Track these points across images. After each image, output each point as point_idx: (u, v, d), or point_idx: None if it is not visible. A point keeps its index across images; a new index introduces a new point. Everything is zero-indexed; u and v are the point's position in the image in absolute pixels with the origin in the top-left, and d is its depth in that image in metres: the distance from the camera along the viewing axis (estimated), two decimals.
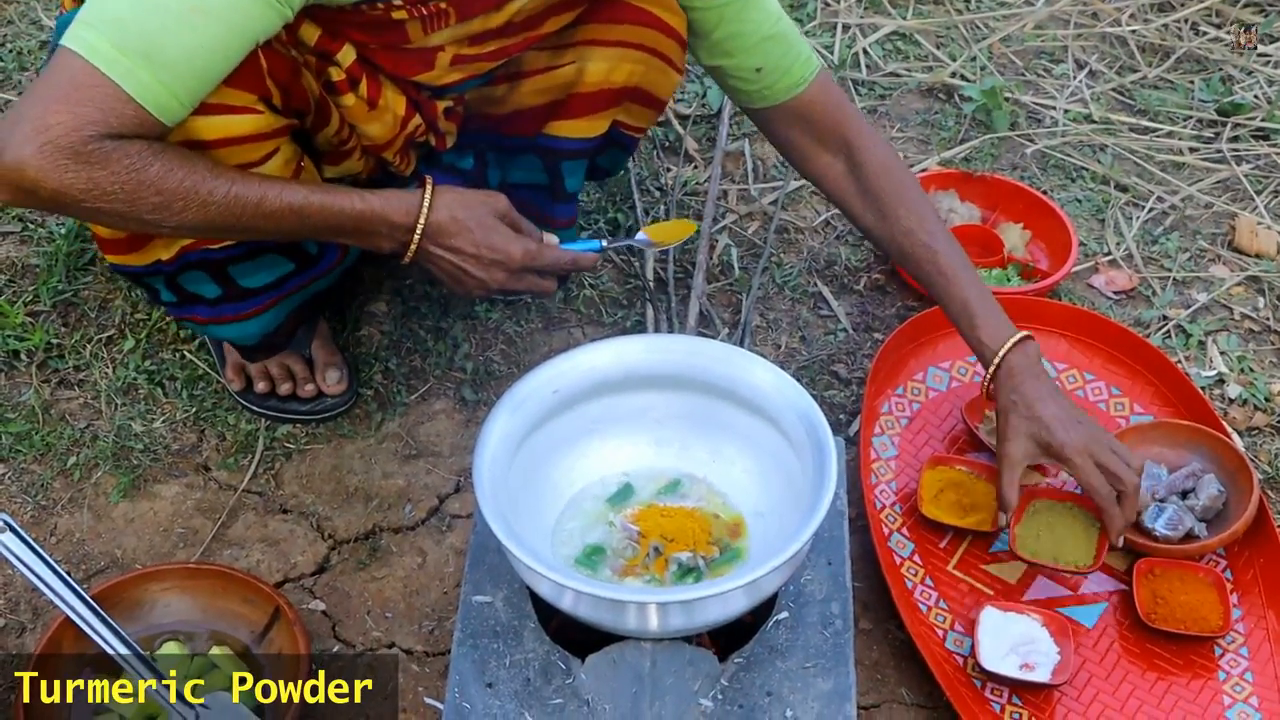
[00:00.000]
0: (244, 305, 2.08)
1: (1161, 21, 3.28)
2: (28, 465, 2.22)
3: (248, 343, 2.20)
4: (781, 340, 2.48)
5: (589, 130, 2.12)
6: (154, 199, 1.64)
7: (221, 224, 1.72)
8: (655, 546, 1.77)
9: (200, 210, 1.68)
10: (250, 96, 1.76)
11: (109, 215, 1.65)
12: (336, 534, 2.15)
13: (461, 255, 1.87)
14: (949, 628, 2.00)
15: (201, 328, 2.17)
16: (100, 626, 1.78)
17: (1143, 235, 2.73)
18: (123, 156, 1.61)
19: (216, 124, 1.73)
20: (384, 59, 1.91)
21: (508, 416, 1.78)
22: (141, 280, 2.04)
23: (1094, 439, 1.97)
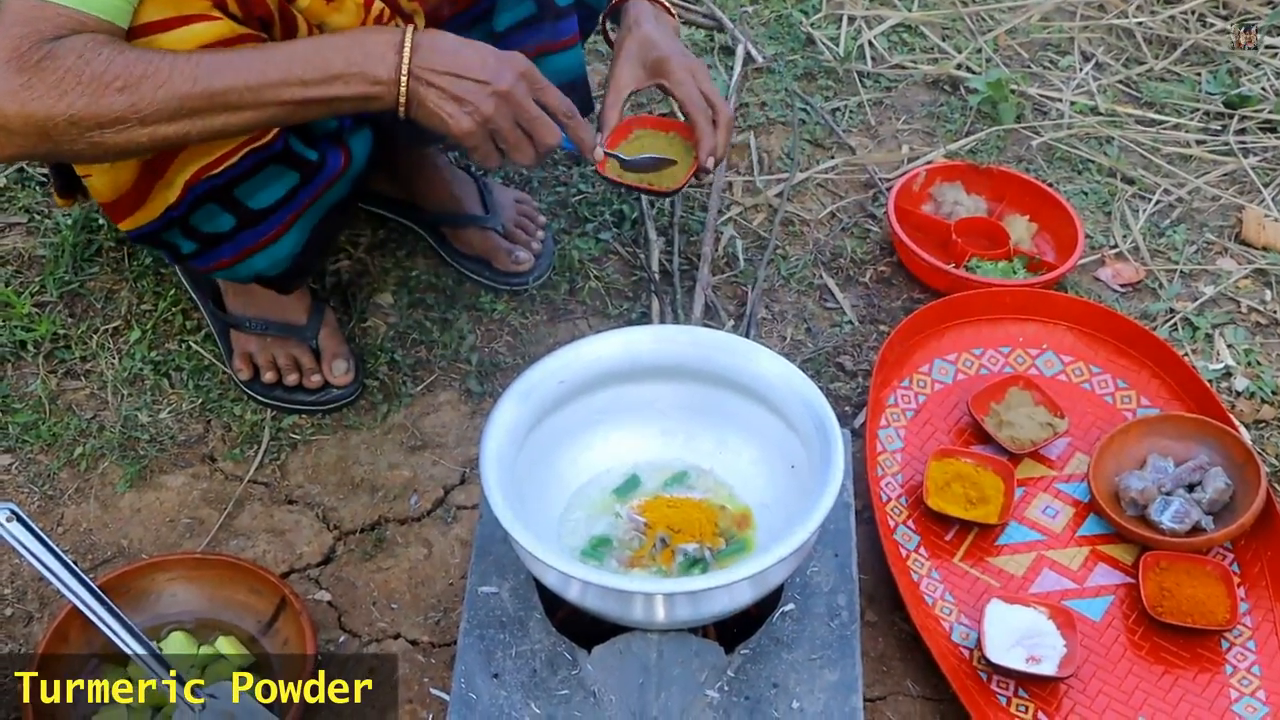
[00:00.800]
0: (263, 229, 2.05)
1: (1168, 14, 3.28)
2: (35, 455, 2.22)
3: (282, 268, 2.15)
4: (787, 332, 2.48)
5: None
6: (116, 84, 1.64)
7: (199, 99, 1.69)
8: (661, 538, 1.77)
9: (170, 88, 1.67)
10: (203, 3, 1.76)
11: (87, 125, 1.64)
12: (342, 525, 2.15)
13: (460, 63, 1.80)
14: (955, 620, 2.00)
15: (231, 270, 2.12)
16: (107, 616, 1.78)
17: (1149, 228, 2.73)
18: (68, 52, 1.62)
19: (176, 37, 1.73)
20: None
21: (514, 407, 1.77)
22: (159, 238, 2.03)
23: (701, 66, 2.10)
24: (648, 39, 2.11)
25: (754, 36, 3.15)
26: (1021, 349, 2.37)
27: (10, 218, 2.59)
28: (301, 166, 2.01)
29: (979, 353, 2.37)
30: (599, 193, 2.72)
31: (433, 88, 1.79)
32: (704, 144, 2.06)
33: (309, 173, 2.02)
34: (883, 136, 2.94)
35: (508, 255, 2.48)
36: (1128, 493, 2.10)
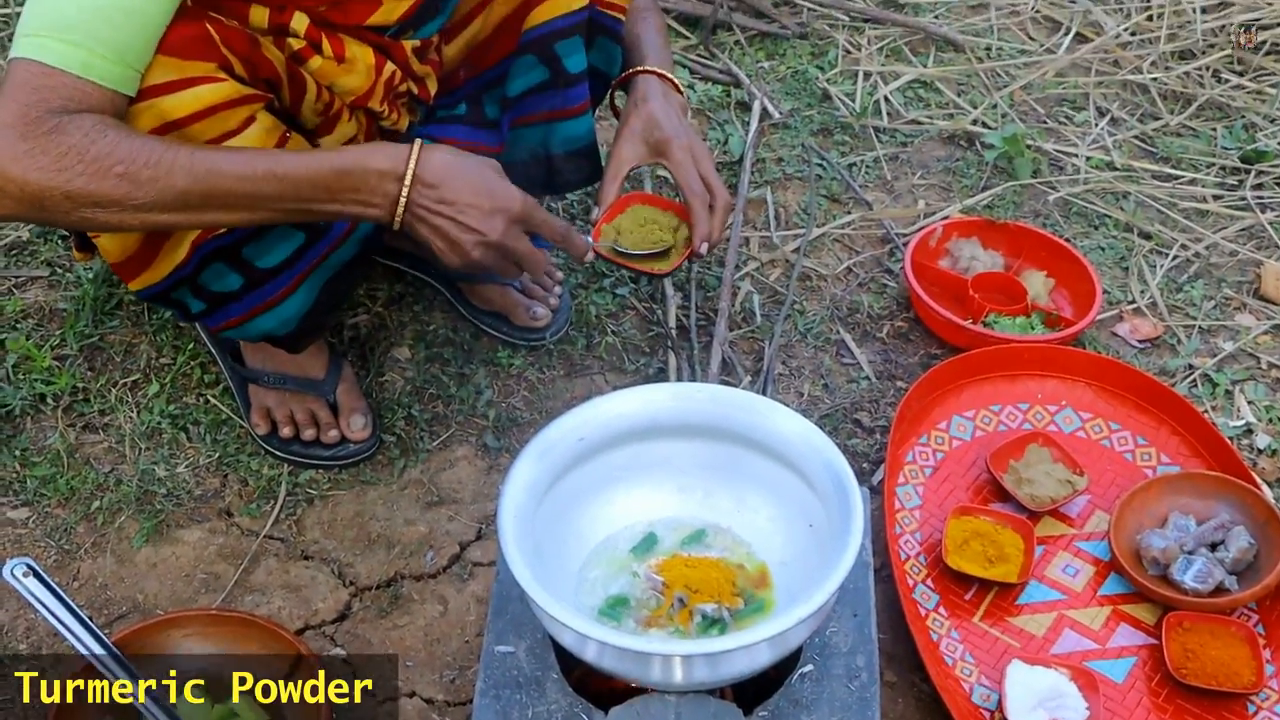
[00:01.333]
0: (270, 288, 2.05)
1: (1183, 69, 3.28)
2: (52, 509, 2.22)
3: (290, 328, 2.15)
4: (804, 388, 2.48)
5: (569, 4, 2.13)
6: (117, 169, 1.65)
7: (195, 197, 1.70)
8: (679, 597, 1.76)
9: (168, 181, 1.68)
10: (208, 65, 1.78)
11: (82, 202, 1.65)
12: (358, 581, 2.14)
13: (457, 207, 1.82)
14: (975, 681, 1.98)
15: (239, 329, 2.13)
16: (122, 673, 1.78)
17: (1167, 283, 2.73)
18: (75, 129, 1.64)
19: (183, 100, 1.76)
20: (334, 15, 1.93)
21: (532, 464, 1.77)
22: (168, 297, 2.04)
23: (703, 149, 2.12)
24: (653, 117, 2.12)
25: (770, 92, 3.16)
26: (1040, 405, 2.37)
27: (32, 271, 2.60)
28: (308, 227, 2.02)
29: (997, 409, 2.36)
30: None
31: (426, 224, 1.83)
32: (698, 229, 2.08)
33: (315, 233, 2.04)
34: (899, 192, 2.94)
35: (525, 310, 2.48)
36: (1149, 551, 2.09)
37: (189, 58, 1.76)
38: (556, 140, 2.23)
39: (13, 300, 2.52)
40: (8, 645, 2.03)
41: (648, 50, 2.21)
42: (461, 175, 1.82)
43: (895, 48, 3.35)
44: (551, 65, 2.15)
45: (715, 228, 2.10)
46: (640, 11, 2.27)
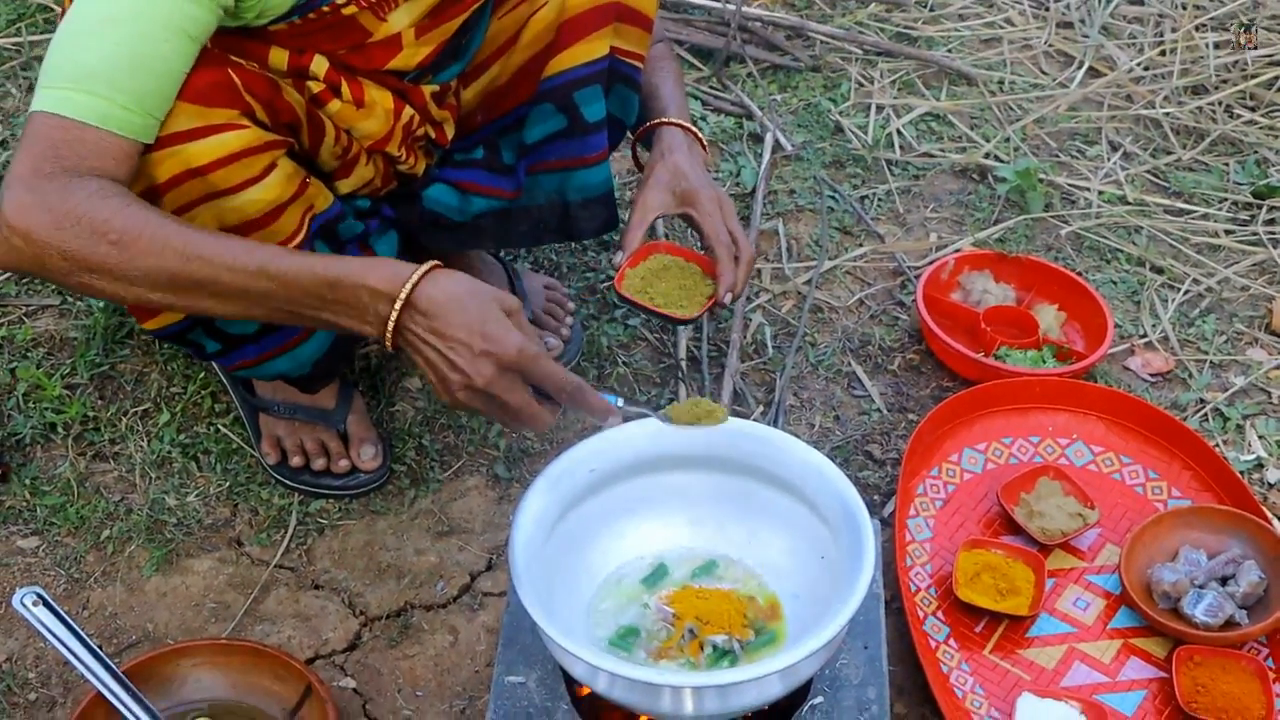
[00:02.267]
0: (288, 332, 2.06)
1: (1195, 104, 3.29)
2: (62, 538, 2.22)
3: (304, 372, 2.16)
4: (815, 420, 2.48)
5: (589, 53, 2.13)
6: (111, 237, 1.63)
7: (185, 280, 1.67)
8: (690, 629, 1.75)
9: (158, 260, 1.65)
10: (231, 113, 1.78)
11: (79, 265, 1.64)
12: (368, 611, 2.14)
13: (448, 340, 1.68)
14: (985, 713, 1.98)
15: (254, 370, 2.14)
16: (131, 703, 1.78)
17: (1179, 317, 2.72)
18: (79, 191, 1.64)
19: (206, 146, 1.76)
20: (354, 59, 1.94)
21: (543, 495, 1.77)
22: (184, 338, 2.04)
23: (728, 202, 2.14)
24: (678, 168, 2.14)
25: (783, 124, 3.17)
26: (1051, 439, 2.36)
27: (43, 300, 2.61)
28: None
29: (1008, 442, 2.36)
30: None
31: (416, 351, 1.72)
32: (724, 279, 2.09)
33: None
34: (911, 225, 2.95)
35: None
36: (1160, 585, 2.08)
37: (212, 105, 1.77)
38: (573, 187, 2.22)
39: (23, 329, 2.53)
40: (17, 674, 2.03)
41: (668, 101, 2.24)
42: (459, 310, 1.67)
43: (908, 81, 3.36)
44: (570, 113, 2.16)
45: (740, 278, 2.11)
46: (657, 60, 2.29)
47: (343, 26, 1.89)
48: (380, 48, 1.95)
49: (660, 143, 2.18)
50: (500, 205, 2.21)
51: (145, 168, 1.76)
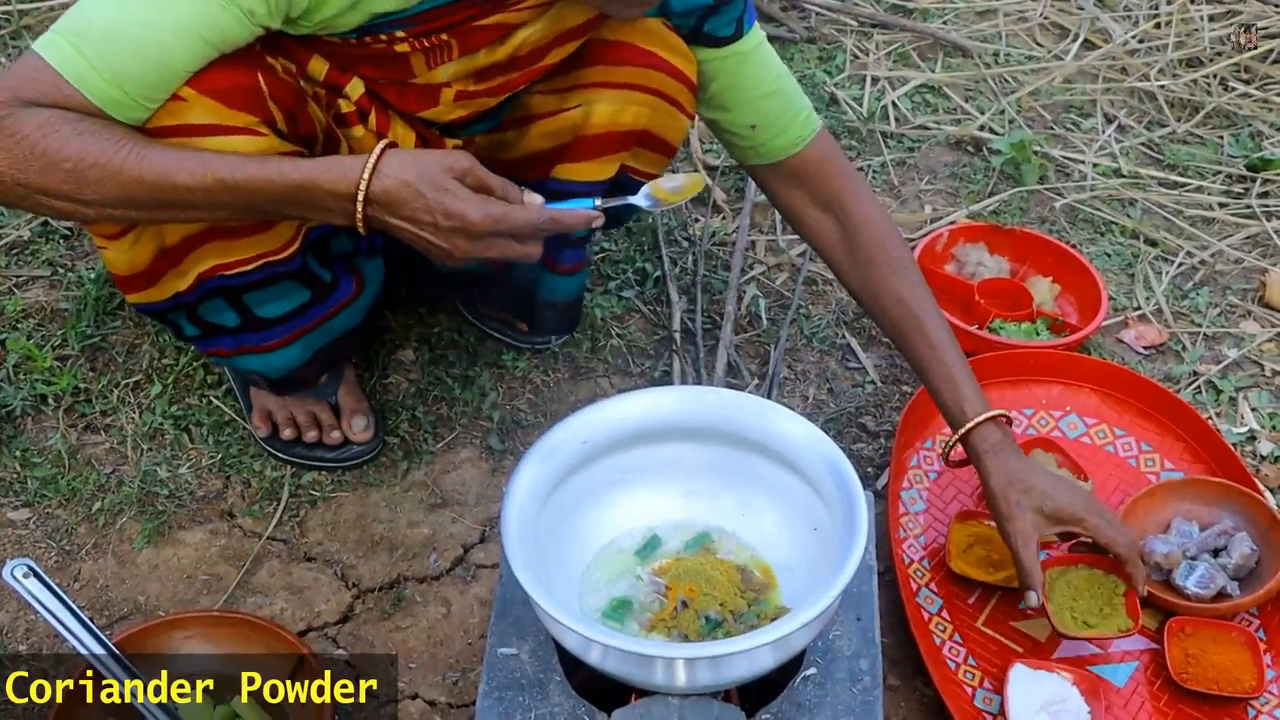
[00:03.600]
0: (265, 335, 2.06)
1: (1190, 77, 3.28)
2: (53, 510, 2.21)
3: (273, 376, 2.17)
4: (809, 392, 2.47)
5: (597, 173, 2.10)
6: (65, 165, 1.64)
7: (145, 200, 1.68)
8: (683, 600, 1.75)
9: (115, 183, 1.66)
10: (250, 118, 1.77)
11: (35, 190, 1.65)
12: (361, 583, 2.14)
13: (418, 224, 1.71)
14: (978, 685, 1.98)
15: (228, 360, 2.16)
16: (124, 675, 1.77)
17: (1172, 290, 2.72)
18: (33, 118, 1.64)
19: (217, 144, 1.74)
20: (390, 94, 1.92)
21: (537, 467, 1.77)
22: (165, 316, 2.04)
23: (1093, 499, 1.99)
24: (1028, 483, 1.94)
25: None
26: (1045, 411, 2.36)
27: (33, 271, 2.60)
28: (314, 285, 2.03)
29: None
30: (621, 250, 2.72)
31: (397, 235, 1.74)
32: (1136, 578, 1.96)
33: (320, 293, 2.04)
34: (906, 197, 2.94)
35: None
36: (1152, 557, 2.08)
37: (233, 106, 1.75)
38: (543, 285, 2.27)
39: (14, 300, 2.52)
40: (7, 646, 2.03)
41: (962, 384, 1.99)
42: (414, 196, 1.69)
43: (903, 53, 3.35)
44: None
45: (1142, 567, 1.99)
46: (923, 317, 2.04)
47: (392, 60, 1.88)
48: (418, 93, 1.93)
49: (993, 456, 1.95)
50: (479, 268, 2.22)
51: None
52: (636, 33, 2.01)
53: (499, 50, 1.91)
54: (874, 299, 2.08)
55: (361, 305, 2.13)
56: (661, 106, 2.06)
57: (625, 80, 2.03)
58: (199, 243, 1.89)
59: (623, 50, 2.02)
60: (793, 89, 2.10)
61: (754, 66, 2.06)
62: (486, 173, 1.74)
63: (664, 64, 2.03)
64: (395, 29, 1.83)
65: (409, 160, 1.71)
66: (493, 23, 1.88)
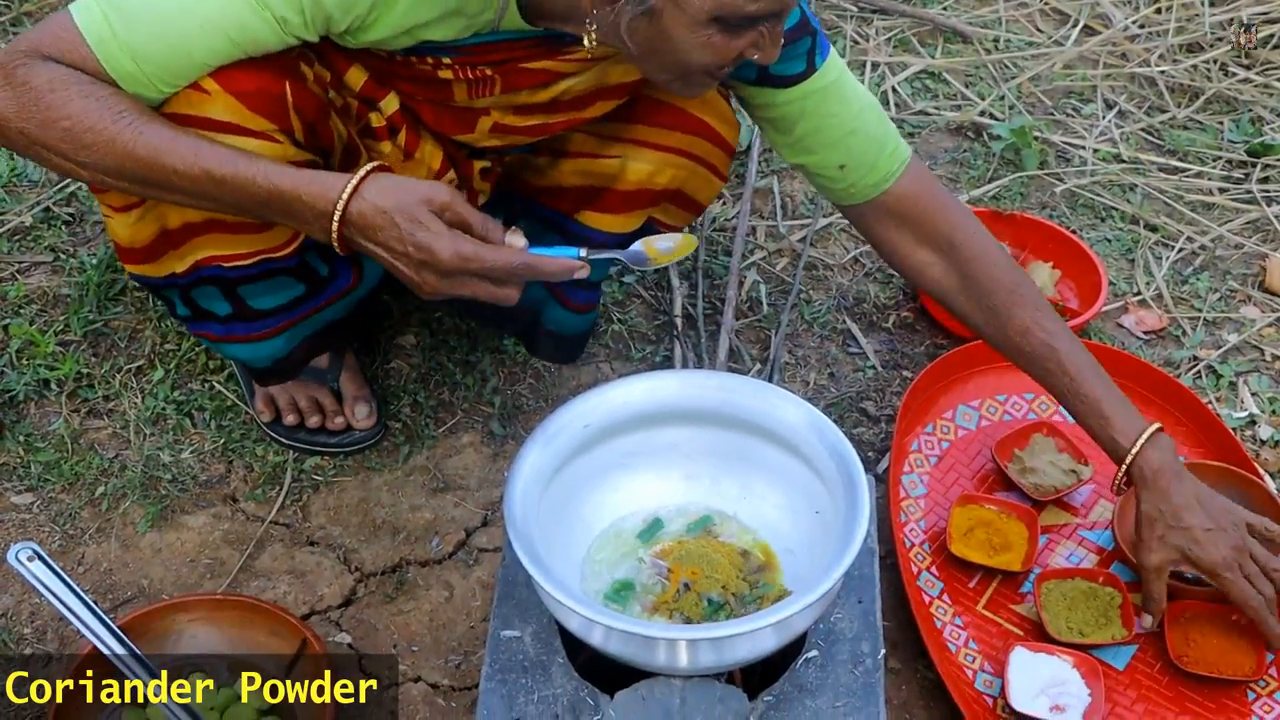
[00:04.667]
0: (255, 326, 2.06)
1: (1190, 62, 3.28)
2: (56, 494, 2.22)
3: (257, 365, 2.19)
4: (810, 377, 2.48)
5: (623, 226, 2.11)
6: (64, 123, 1.65)
7: (133, 176, 1.69)
8: (685, 583, 1.76)
9: (107, 152, 1.67)
10: (268, 124, 1.77)
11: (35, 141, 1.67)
12: (363, 566, 2.14)
13: (390, 252, 1.66)
14: (978, 668, 1.99)
15: (214, 345, 2.17)
16: (127, 657, 1.78)
17: (1173, 275, 2.73)
18: (41, 73, 1.66)
19: (232, 141, 1.74)
20: (427, 113, 1.92)
21: (539, 450, 1.77)
22: (159, 291, 2.05)
23: (1239, 550, 1.91)
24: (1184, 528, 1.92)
25: None
26: (1045, 395, 2.36)
27: (36, 257, 2.60)
28: (309, 280, 2.03)
29: (1003, 399, 2.36)
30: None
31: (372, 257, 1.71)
32: (1271, 635, 1.92)
33: (316, 286, 2.04)
34: None
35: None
36: None
37: (255, 110, 1.75)
38: (550, 315, 2.28)
39: (16, 285, 2.53)
40: (13, 629, 2.04)
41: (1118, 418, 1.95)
42: (388, 225, 1.65)
43: (903, 38, 3.35)
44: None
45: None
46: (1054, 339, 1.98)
47: (434, 84, 1.88)
48: (455, 117, 1.93)
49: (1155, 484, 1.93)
50: None
51: None
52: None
53: (541, 94, 1.91)
54: (1003, 336, 2.00)
55: (355, 298, 2.13)
56: (699, 171, 2.07)
57: (668, 144, 2.04)
58: (201, 231, 1.89)
59: (670, 114, 2.03)
60: (879, 121, 2.00)
61: (836, 103, 1.96)
62: (468, 209, 1.68)
63: (710, 131, 2.03)
64: (443, 54, 1.82)
65: (389, 186, 1.67)
66: (539, 68, 1.87)
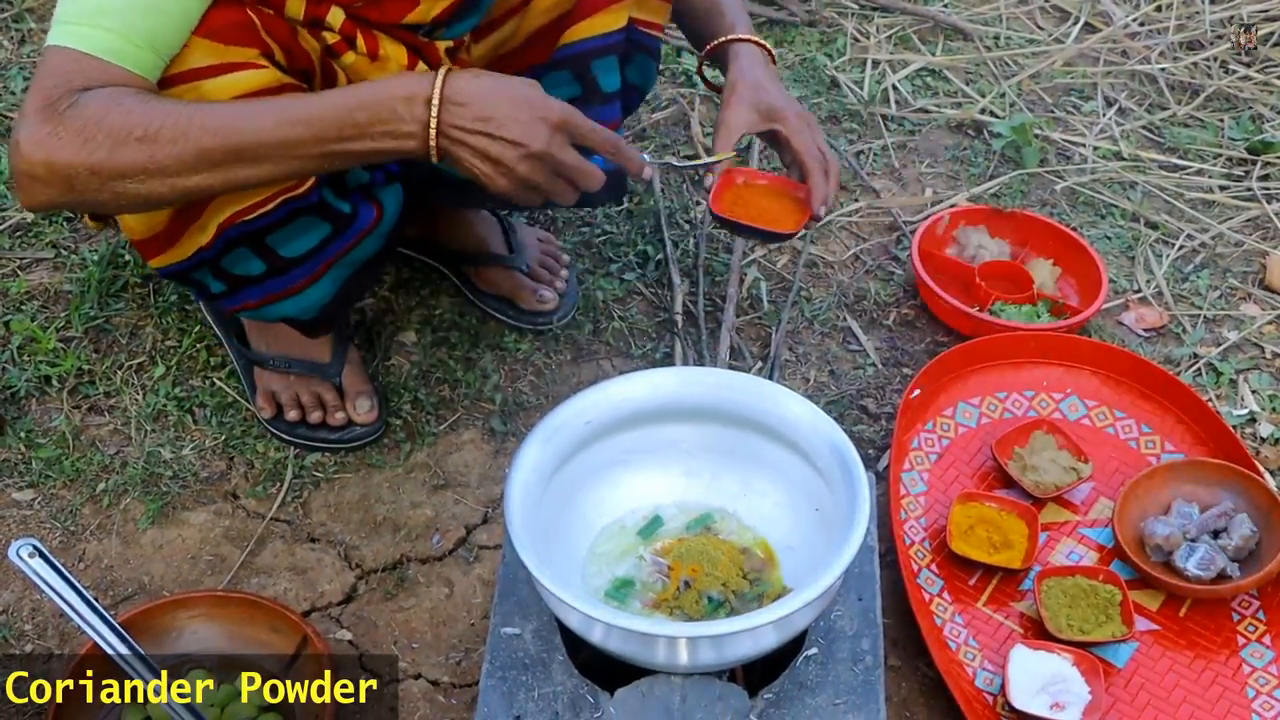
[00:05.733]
0: (293, 276, 2.05)
1: (1191, 60, 3.28)
2: (57, 491, 2.22)
3: (308, 316, 2.15)
4: (810, 374, 2.48)
5: (608, 24, 2.11)
6: (137, 134, 1.65)
7: (220, 154, 1.69)
8: (685, 580, 1.76)
9: (189, 141, 1.67)
10: (251, 52, 1.78)
11: (109, 175, 1.66)
12: (364, 563, 2.15)
13: (494, 121, 1.73)
14: (979, 666, 1.99)
15: (257, 312, 2.14)
16: (128, 653, 1.78)
17: (1173, 273, 2.73)
18: (92, 101, 1.65)
19: (223, 84, 1.76)
20: (370, 12, 1.92)
21: (540, 447, 1.77)
22: (188, 277, 2.04)
23: (812, 119, 2.13)
24: (760, 84, 2.12)
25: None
26: (1045, 393, 2.37)
27: (37, 253, 2.61)
28: (334, 219, 2.02)
29: (1003, 396, 2.36)
30: (623, 233, 2.72)
31: (465, 146, 1.75)
32: (817, 192, 2.07)
33: (341, 225, 2.03)
34: (906, 180, 2.94)
35: (532, 294, 2.48)
36: (1152, 539, 2.09)
37: (231, 43, 1.76)
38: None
39: (18, 281, 2.53)
40: (14, 626, 2.04)
41: (734, 17, 2.19)
42: (493, 91, 1.74)
43: (904, 36, 3.35)
44: (585, 82, 2.13)
45: (830, 192, 2.10)
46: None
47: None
48: (396, 1, 1.93)
49: (737, 60, 2.15)
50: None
51: None
52: None
53: None
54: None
55: (382, 232, 2.10)
56: None
57: None
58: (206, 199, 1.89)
59: None
60: None
61: None
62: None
63: None
64: None
65: (482, 72, 1.78)
66: None
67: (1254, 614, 2.04)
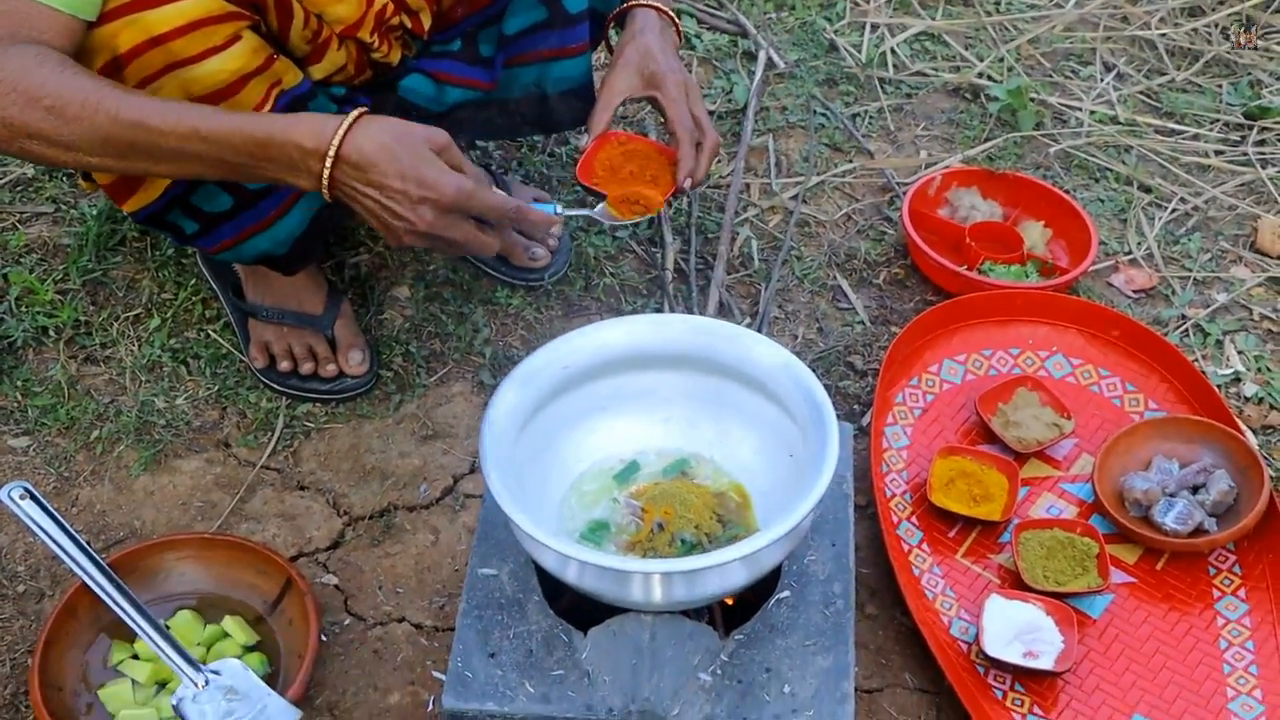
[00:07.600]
0: (262, 208, 2.06)
1: (1191, 26, 3.28)
2: (52, 438, 2.26)
3: (282, 251, 2.16)
4: (799, 331, 2.50)
5: None
6: (46, 102, 1.67)
7: (120, 144, 1.71)
8: (658, 522, 1.78)
9: (93, 123, 1.69)
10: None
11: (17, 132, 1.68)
12: (352, 511, 2.18)
13: (385, 190, 1.74)
14: (955, 615, 2.01)
15: (234, 251, 2.15)
16: (115, 593, 1.81)
17: (1164, 235, 2.73)
18: (14, 58, 1.67)
19: (166, 14, 1.77)
20: None
21: (517, 391, 1.79)
22: (163, 220, 2.06)
23: (695, 87, 2.13)
24: (648, 50, 2.13)
25: (777, 43, 3.17)
26: (1031, 351, 2.38)
27: (37, 207, 2.64)
28: None
29: (988, 354, 2.38)
30: None
31: (356, 202, 1.79)
32: (684, 164, 2.09)
33: None
34: (902, 142, 2.95)
35: (524, 251, 2.49)
36: (1132, 493, 2.11)
37: None
38: (551, 79, 2.22)
39: (17, 235, 2.56)
40: (6, 567, 2.08)
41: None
42: (391, 159, 1.73)
43: (904, 0, 3.36)
44: (550, 5, 2.15)
45: (701, 166, 2.11)
46: None
47: None
48: None
49: (632, 24, 2.17)
50: (476, 96, 2.20)
51: (106, 39, 1.77)
52: None
53: None
54: None
55: None
56: None
57: None
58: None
59: None
60: None
61: None
62: (461, 155, 1.80)
63: None
64: None
65: (386, 126, 1.76)
66: None
67: (1230, 568, 2.06)
